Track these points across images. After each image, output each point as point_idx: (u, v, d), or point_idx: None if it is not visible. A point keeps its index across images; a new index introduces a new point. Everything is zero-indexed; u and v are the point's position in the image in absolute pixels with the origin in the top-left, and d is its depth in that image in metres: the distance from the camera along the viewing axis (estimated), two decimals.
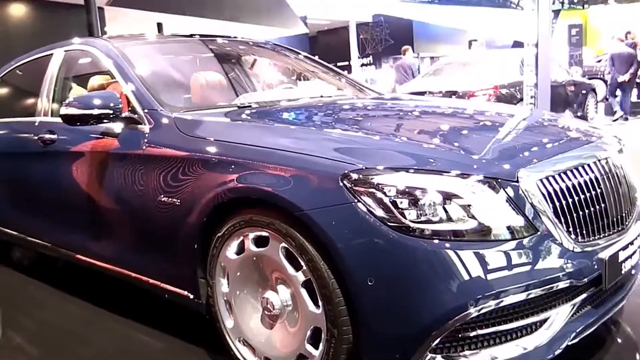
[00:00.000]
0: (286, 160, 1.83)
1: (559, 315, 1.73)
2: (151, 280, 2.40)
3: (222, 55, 3.45)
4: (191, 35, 3.45)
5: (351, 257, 1.64)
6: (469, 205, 1.63)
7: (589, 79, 11.78)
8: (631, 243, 1.95)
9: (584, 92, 9.82)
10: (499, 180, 1.67)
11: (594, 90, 10.34)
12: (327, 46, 27.45)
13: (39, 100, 3.19)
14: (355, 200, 1.64)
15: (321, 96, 2.95)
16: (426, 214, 1.62)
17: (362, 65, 25.25)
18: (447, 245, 1.59)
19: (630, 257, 1.94)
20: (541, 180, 1.73)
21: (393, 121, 2.42)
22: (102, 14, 10.54)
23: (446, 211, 1.63)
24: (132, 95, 2.50)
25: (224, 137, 2.11)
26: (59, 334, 2.69)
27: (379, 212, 1.62)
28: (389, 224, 1.61)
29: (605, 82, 12.31)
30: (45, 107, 3.13)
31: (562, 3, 29.58)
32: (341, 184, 1.66)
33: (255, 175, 1.88)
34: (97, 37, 3.19)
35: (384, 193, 1.63)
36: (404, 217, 1.61)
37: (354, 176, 1.66)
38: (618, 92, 10.56)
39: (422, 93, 8.37)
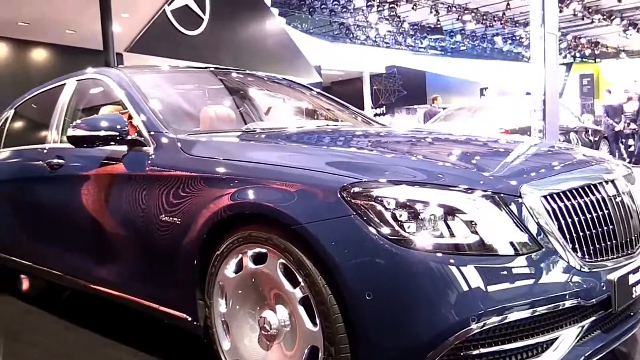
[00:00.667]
0: (285, 175, 1.82)
1: (567, 338, 1.66)
2: (151, 304, 2.36)
3: (233, 88, 3.49)
4: (205, 68, 3.51)
5: (349, 271, 1.60)
6: (471, 220, 1.59)
7: None
8: None
9: (596, 139, 9.81)
10: (502, 195, 1.64)
11: (605, 137, 10.33)
12: (340, 96, 27.64)
13: (49, 128, 3.24)
14: (354, 213, 1.61)
15: (327, 125, 2.96)
16: (427, 228, 1.58)
17: (376, 115, 25.55)
18: (448, 259, 1.55)
19: None
20: (545, 197, 1.69)
21: (399, 143, 2.40)
22: (120, 59, 10.88)
23: (448, 225, 1.59)
24: (137, 118, 2.52)
25: (225, 155, 2.12)
26: (56, 356, 2.64)
27: (378, 225, 1.59)
28: (388, 237, 1.57)
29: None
30: (55, 135, 3.17)
31: (574, 57, 29.97)
32: (339, 196, 1.64)
33: (254, 190, 1.86)
34: (110, 67, 3.25)
35: (384, 206, 1.60)
36: (404, 230, 1.58)
37: (353, 189, 1.64)
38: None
39: None
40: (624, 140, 10.80)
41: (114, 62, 8.10)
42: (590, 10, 19.90)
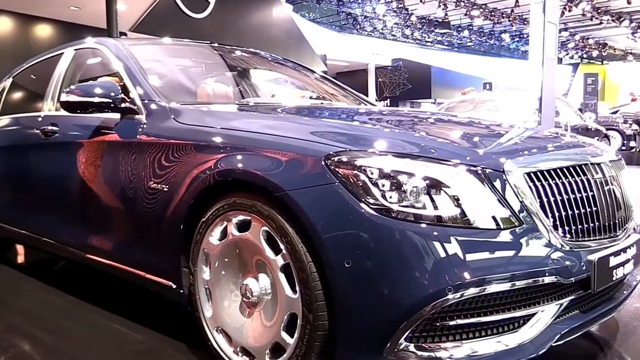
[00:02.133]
0: (271, 144, 1.83)
1: (544, 314, 1.67)
2: (137, 272, 2.37)
3: (232, 64, 3.49)
4: (205, 43, 3.51)
5: (330, 238, 1.60)
6: (454, 194, 1.60)
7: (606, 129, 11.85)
8: (624, 250, 1.89)
9: (597, 138, 9.79)
10: (486, 170, 1.65)
11: (607, 137, 10.31)
12: None
13: (45, 97, 3.25)
14: (337, 182, 1.62)
15: (322, 103, 2.96)
16: (409, 199, 1.59)
17: None
18: (428, 230, 1.55)
19: (622, 264, 1.88)
20: (528, 174, 1.70)
21: (390, 119, 2.40)
22: None
23: (430, 197, 1.60)
24: (131, 86, 2.53)
25: (213, 123, 2.13)
26: (39, 325, 2.66)
27: (361, 194, 1.59)
28: (370, 205, 1.58)
29: (620, 132, 12.32)
30: (50, 103, 3.17)
31: (582, 57, 29.87)
32: (323, 164, 1.65)
33: (241, 158, 1.87)
34: (109, 38, 3.24)
35: (367, 175, 1.61)
36: (385, 199, 1.58)
37: (337, 157, 1.65)
38: None
39: None
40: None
41: None
42: (599, 10, 19.81)
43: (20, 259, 3.97)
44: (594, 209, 1.83)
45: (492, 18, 20.53)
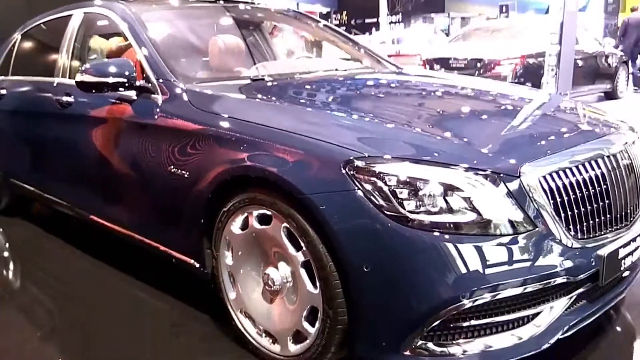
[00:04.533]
0: (292, 142, 1.84)
1: (554, 309, 1.75)
2: (160, 247, 2.47)
3: (241, 22, 3.44)
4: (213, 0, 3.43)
5: (349, 244, 1.67)
6: (469, 198, 1.64)
7: None
8: (634, 240, 1.94)
9: (615, 64, 9.54)
10: (501, 175, 1.67)
11: (625, 62, 10.03)
12: (355, 2, 26.91)
13: (58, 60, 3.23)
14: (356, 188, 1.66)
15: (336, 69, 2.93)
16: (426, 206, 1.63)
17: (391, 22, 24.71)
18: (444, 236, 1.61)
19: (631, 253, 1.94)
20: (544, 176, 1.72)
21: (402, 106, 2.38)
22: None
23: (447, 203, 1.64)
24: (146, 63, 2.52)
25: (234, 114, 2.13)
26: (68, 290, 2.81)
27: (379, 201, 1.64)
28: (387, 213, 1.63)
29: None
30: (63, 67, 3.17)
31: None
32: (343, 170, 1.68)
33: (262, 155, 1.90)
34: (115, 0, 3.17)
35: (385, 182, 1.64)
36: (403, 207, 1.63)
37: (357, 163, 1.68)
38: None
39: (448, 59, 8.25)
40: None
41: None
42: None
43: (40, 216, 4.09)
44: (607, 202, 1.86)
45: None
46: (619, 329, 2.25)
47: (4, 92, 3.70)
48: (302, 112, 2.15)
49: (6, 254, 3.52)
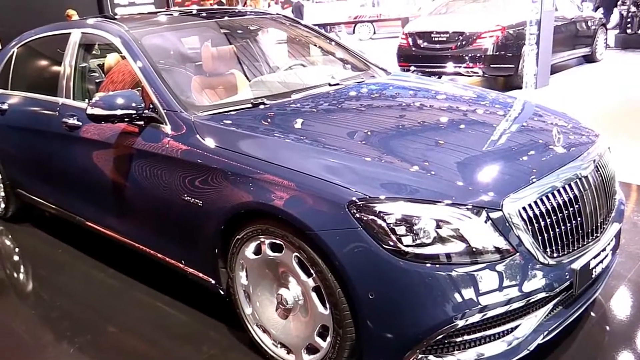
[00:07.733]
0: (299, 180, 2.04)
1: (535, 318, 2.01)
2: (176, 263, 2.68)
3: (237, 34, 3.61)
4: (198, 13, 3.59)
5: (355, 275, 1.90)
6: (458, 230, 1.87)
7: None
8: (603, 249, 2.20)
9: (593, 28, 9.70)
10: (486, 208, 1.90)
11: (604, 25, 10.19)
12: None
13: (60, 78, 3.36)
14: (360, 227, 1.88)
15: (329, 84, 3.08)
16: (420, 238, 1.86)
17: None
18: (438, 268, 1.84)
19: (601, 261, 2.20)
20: (523, 207, 1.95)
21: (392, 137, 2.42)
22: None
23: (438, 235, 1.87)
24: (152, 94, 2.67)
25: (240, 148, 2.29)
26: (84, 300, 3.03)
27: (380, 238, 1.86)
28: (387, 248, 1.85)
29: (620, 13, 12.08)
30: (67, 87, 3.30)
31: None
32: (347, 210, 1.90)
33: (271, 192, 2.09)
34: (108, 20, 3.27)
35: (384, 220, 1.86)
36: (401, 242, 1.85)
37: (359, 204, 1.89)
38: None
39: (430, 33, 8.36)
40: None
41: None
42: None
43: (51, 223, 4.24)
44: (579, 220, 2.10)
45: None
46: (591, 325, 2.54)
47: (5, 107, 3.82)
48: (307, 149, 2.24)
49: (16, 257, 3.75)
